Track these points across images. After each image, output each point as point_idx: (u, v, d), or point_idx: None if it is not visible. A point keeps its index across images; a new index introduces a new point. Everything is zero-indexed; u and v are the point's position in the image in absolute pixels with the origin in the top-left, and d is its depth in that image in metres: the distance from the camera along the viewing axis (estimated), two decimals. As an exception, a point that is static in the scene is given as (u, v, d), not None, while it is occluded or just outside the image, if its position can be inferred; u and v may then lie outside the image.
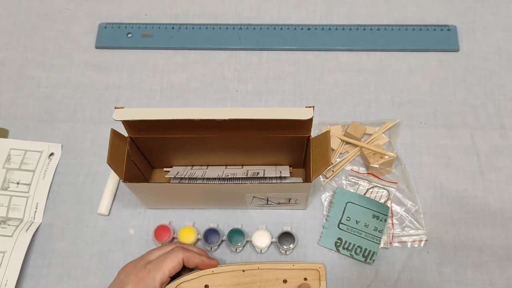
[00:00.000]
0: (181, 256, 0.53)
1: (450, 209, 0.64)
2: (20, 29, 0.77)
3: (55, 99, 0.72)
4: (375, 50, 0.74)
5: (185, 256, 0.53)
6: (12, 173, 0.67)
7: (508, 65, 0.72)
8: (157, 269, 0.51)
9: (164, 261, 0.52)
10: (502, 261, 0.61)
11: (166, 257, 0.52)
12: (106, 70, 0.74)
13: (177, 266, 0.52)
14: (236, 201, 0.61)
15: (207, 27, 0.76)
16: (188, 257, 0.53)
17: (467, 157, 0.67)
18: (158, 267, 0.52)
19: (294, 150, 0.60)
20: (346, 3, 0.78)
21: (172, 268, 0.52)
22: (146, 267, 0.52)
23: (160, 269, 0.51)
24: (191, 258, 0.53)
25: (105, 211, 0.64)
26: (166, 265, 0.52)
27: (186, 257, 0.53)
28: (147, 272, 0.51)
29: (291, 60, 0.74)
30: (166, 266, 0.52)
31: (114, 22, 0.77)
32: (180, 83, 0.73)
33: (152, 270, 0.51)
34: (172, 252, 0.53)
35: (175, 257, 0.52)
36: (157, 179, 0.66)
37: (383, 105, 0.70)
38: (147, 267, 0.52)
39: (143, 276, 0.51)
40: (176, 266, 0.52)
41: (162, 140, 0.57)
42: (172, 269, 0.52)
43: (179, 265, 0.53)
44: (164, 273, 0.51)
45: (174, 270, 0.52)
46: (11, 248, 0.61)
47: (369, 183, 0.65)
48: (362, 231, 0.62)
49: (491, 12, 0.76)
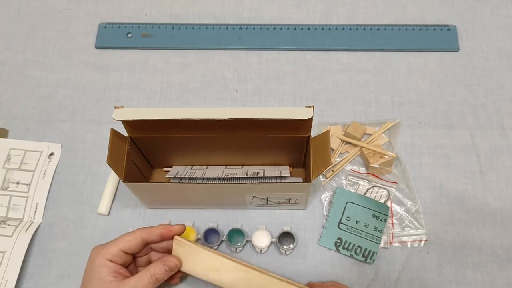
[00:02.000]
0: (139, 233, 0.52)
1: (450, 209, 0.64)
2: (20, 29, 0.77)
3: (55, 99, 0.72)
4: (375, 50, 0.74)
5: (144, 231, 0.52)
6: (12, 173, 0.67)
7: (508, 65, 0.72)
8: (111, 245, 0.51)
9: (122, 237, 0.52)
10: (502, 261, 0.61)
11: (125, 234, 0.52)
12: (106, 70, 0.74)
13: (133, 241, 0.52)
14: (236, 201, 0.61)
15: (207, 27, 0.76)
16: (148, 231, 0.52)
17: (467, 157, 0.67)
18: (113, 242, 0.52)
19: (294, 150, 0.60)
20: (346, 3, 0.78)
21: (127, 242, 0.51)
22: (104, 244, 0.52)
23: (113, 244, 0.51)
24: (151, 231, 0.52)
25: (105, 211, 0.64)
26: (121, 240, 0.52)
27: (145, 231, 0.52)
28: (101, 247, 0.52)
29: (291, 60, 0.74)
30: (120, 241, 0.52)
31: (114, 22, 0.77)
32: (180, 83, 0.73)
33: (107, 245, 0.52)
34: (133, 231, 0.53)
35: (133, 233, 0.52)
36: (157, 179, 0.66)
37: (383, 105, 0.70)
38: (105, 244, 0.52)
39: (96, 251, 0.52)
40: (132, 240, 0.52)
41: (162, 140, 0.57)
42: (127, 243, 0.51)
43: (135, 240, 0.52)
44: (117, 246, 0.51)
45: (129, 244, 0.51)
46: (11, 248, 0.61)
47: (369, 183, 0.65)
48: (362, 231, 0.62)
49: (491, 12, 0.76)
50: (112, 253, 0.51)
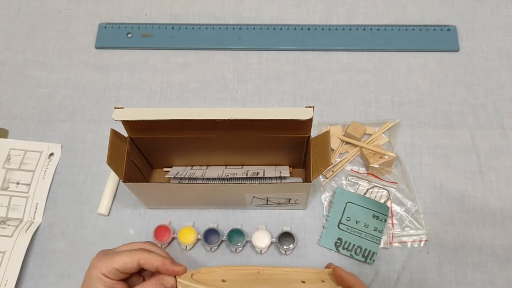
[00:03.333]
0: (137, 256, 0.50)
1: (450, 209, 0.64)
2: (20, 29, 0.77)
3: (55, 99, 0.72)
4: (375, 50, 0.74)
5: (142, 257, 0.50)
6: (12, 173, 0.67)
7: (508, 65, 0.72)
8: (107, 260, 0.50)
9: (120, 255, 0.50)
10: (502, 261, 0.61)
11: (124, 252, 0.51)
12: (106, 70, 0.74)
13: (129, 264, 0.50)
14: (236, 201, 0.61)
15: (207, 27, 0.76)
16: (146, 258, 0.50)
17: (467, 157, 0.67)
18: (110, 258, 0.50)
19: (294, 150, 0.60)
20: (346, 3, 0.78)
21: (123, 264, 0.49)
22: (104, 255, 0.51)
23: (109, 260, 0.50)
24: (149, 259, 0.50)
25: (105, 211, 0.64)
26: (117, 259, 0.50)
27: (144, 258, 0.50)
28: (99, 260, 0.50)
29: (291, 60, 0.74)
30: (117, 259, 0.50)
31: (114, 22, 0.77)
32: (180, 83, 0.73)
33: (104, 260, 0.50)
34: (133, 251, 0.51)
35: (132, 254, 0.50)
36: (157, 179, 0.66)
37: (383, 105, 0.70)
38: (105, 255, 0.51)
39: (94, 262, 0.50)
40: (128, 263, 0.50)
41: (162, 140, 0.57)
42: (123, 264, 0.49)
43: (131, 264, 0.50)
44: (112, 264, 0.49)
45: (124, 265, 0.49)
46: (11, 248, 0.61)
47: (369, 183, 0.65)
48: (362, 231, 0.62)
49: (491, 12, 0.76)
50: (107, 269, 0.49)
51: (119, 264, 0.49)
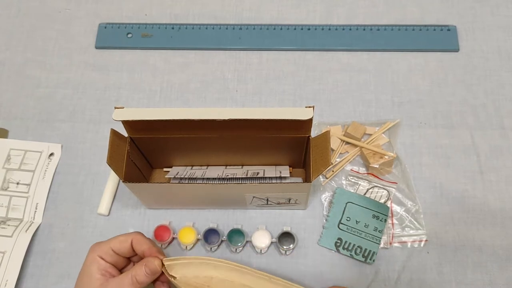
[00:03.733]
0: (131, 236, 0.52)
1: (450, 209, 0.64)
2: (20, 29, 0.77)
3: (55, 99, 0.72)
4: (375, 50, 0.74)
5: (136, 238, 0.52)
6: (12, 173, 0.67)
7: (508, 65, 0.72)
8: (104, 243, 0.52)
9: (116, 237, 0.52)
10: (502, 261, 0.61)
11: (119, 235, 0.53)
12: (106, 70, 0.74)
13: (124, 243, 0.52)
14: (236, 201, 0.61)
15: (207, 27, 0.76)
16: (138, 239, 0.52)
17: (467, 157, 0.67)
18: (106, 241, 0.52)
19: (294, 150, 0.60)
20: (346, 3, 0.78)
21: (118, 242, 0.52)
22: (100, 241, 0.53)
23: (106, 242, 0.52)
24: (140, 240, 0.52)
25: (105, 211, 0.64)
26: (113, 239, 0.52)
27: (137, 238, 0.52)
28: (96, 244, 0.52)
29: (291, 60, 0.74)
30: (112, 240, 0.52)
31: (114, 22, 0.77)
32: (180, 83, 0.73)
33: (101, 243, 0.52)
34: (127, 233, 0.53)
35: (126, 235, 0.53)
36: (157, 179, 0.66)
37: (383, 105, 0.70)
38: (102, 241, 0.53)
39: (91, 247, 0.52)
40: (123, 242, 0.52)
41: (162, 140, 0.57)
42: (118, 244, 0.52)
43: (126, 243, 0.52)
44: (108, 244, 0.51)
45: (120, 245, 0.52)
46: (11, 248, 0.61)
47: (369, 183, 0.65)
48: (362, 231, 0.62)
49: (491, 12, 0.76)
50: (103, 250, 0.51)
51: (114, 244, 0.52)
